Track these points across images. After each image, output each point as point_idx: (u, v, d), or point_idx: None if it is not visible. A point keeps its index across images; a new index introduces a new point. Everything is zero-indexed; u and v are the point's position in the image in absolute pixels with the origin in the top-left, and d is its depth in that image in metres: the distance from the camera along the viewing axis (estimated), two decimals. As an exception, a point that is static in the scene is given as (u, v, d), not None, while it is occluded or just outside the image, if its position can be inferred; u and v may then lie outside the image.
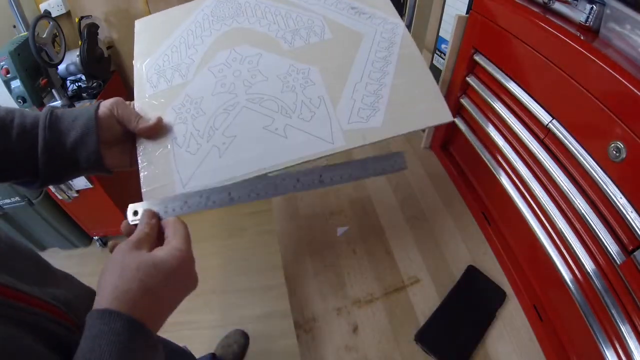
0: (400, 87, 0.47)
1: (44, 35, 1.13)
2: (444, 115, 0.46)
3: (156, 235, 0.36)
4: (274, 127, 0.44)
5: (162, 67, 0.50)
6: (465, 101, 0.60)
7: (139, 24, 0.55)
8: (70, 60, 1.30)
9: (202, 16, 0.54)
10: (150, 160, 0.43)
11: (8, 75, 1.10)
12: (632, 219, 0.33)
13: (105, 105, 0.41)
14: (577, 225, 0.41)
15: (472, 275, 0.55)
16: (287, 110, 0.45)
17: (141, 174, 0.42)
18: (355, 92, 0.47)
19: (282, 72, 0.48)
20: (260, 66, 0.48)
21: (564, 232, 0.42)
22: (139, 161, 0.43)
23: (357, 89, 0.47)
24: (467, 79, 0.58)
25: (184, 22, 0.54)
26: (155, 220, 0.37)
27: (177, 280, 0.33)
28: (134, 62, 0.51)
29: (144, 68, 0.50)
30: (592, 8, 0.39)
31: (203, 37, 0.52)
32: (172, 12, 0.56)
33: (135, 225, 0.36)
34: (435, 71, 0.71)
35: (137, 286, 0.30)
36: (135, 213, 0.38)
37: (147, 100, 0.47)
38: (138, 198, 0.40)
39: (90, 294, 0.44)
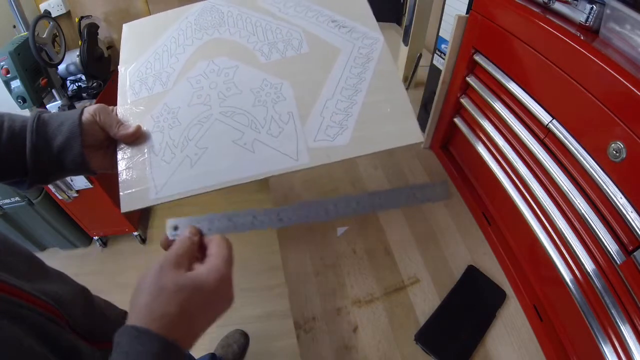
0: (371, 105, 0.47)
1: (44, 35, 1.13)
2: (414, 135, 0.45)
3: (196, 252, 0.36)
4: (243, 141, 0.45)
5: (144, 75, 0.51)
6: (465, 101, 0.60)
7: (126, 28, 0.56)
8: (70, 60, 1.30)
9: (185, 24, 0.55)
10: (128, 166, 0.44)
11: (8, 75, 1.09)
12: (632, 219, 0.33)
13: (89, 111, 0.43)
14: (577, 225, 0.41)
15: (472, 275, 0.55)
16: (256, 125, 0.46)
17: (119, 178, 0.44)
18: (325, 109, 0.47)
19: (256, 86, 0.48)
20: (235, 79, 0.49)
21: (564, 232, 0.42)
22: (118, 165, 0.44)
23: (328, 106, 0.47)
24: (467, 79, 0.58)
25: (169, 28, 0.55)
26: (198, 238, 0.36)
27: (215, 302, 0.33)
28: (119, 67, 0.52)
29: (128, 74, 0.51)
30: (592, 8, 0.39)
31: (185, 46, 0.52)
32: (160, 17, 0.56)
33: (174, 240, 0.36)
34: (435, 71, 0.71)
35: (175, 310, 0.29)
36: (175, 228, 0.37)
37: (129, 106, 0.48)
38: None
39: (83, 291, 0.44)
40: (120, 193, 0.43)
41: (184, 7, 0.56)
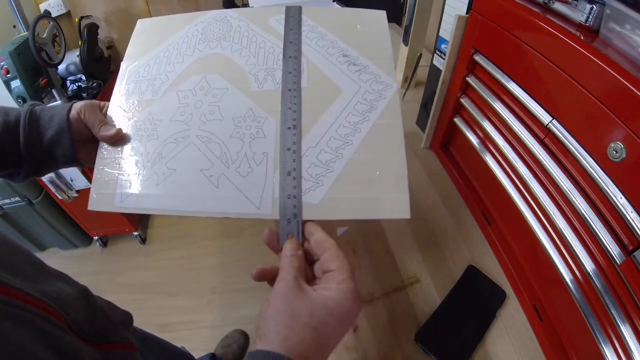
0: (359, 163, 0.41)
1: (44, 35, 1.13)
2: (401, 210, 0.39)
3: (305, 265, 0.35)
4: (210, 173, 0.42)
5: (140, 77, 0.49)
6: (465, 101, 0.60)
7: (140, 25, 0.54)
8: (70, 60, 1.30)
9: (193, 31, 0.52)
10: (103, 166, 0.44)
11: (8, 75, 1.10)
12: (632, 219, 0.33)
13: (76, 108, 0.43)
14: (577, 225, 0.41)
15: (472, 275, 0.55)
16: (227, 158, 0.42)
17: (93, 177, 0.43)
18: (305, 158, 0.41)
19: (239, 115, 0.44)
20: (221, 103, 0.45)
21: (564, 232, 0.42)
22: (96, 164, 0.44)
23: (308, 154, 0.41)
24: (467, 79, 0.58)
25: (177, 33, 0.52)
26: (301, 251, 0.35)
27: (347, 322, 0.31)
28: (122, 62, 0.51)
29: (127, 73, 0.50)
30: (592, 8, 0.39)
31: (185, 55, 0.50)
32: (173, 19, 0.54)
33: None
34: (435, 71, 0.71)
35: (310, 336, 0.28)
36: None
37: (118, 107, 0.47)
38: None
39: (84, 292, 0.44)
40: (91, 192, 0.43)
41: (199, 12, 0.53)
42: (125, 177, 0.43)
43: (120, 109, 0.47)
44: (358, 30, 0.50)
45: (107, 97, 0.48)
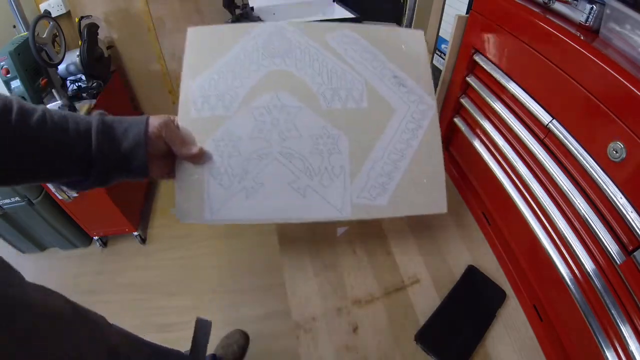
0: (412, 172, 0.50)
1: (44, 35, 1.13)
2: (441, 206, 0.51)
3: None
4: (297, 185, 0.48)
5: (207, 92, 0.51)
6: (465, 101, 0.60)
7: (191, 33, 0.54)
8: (70, 60, 1.30)
9: (252, 45, 0.53)
10: (186, 181, 0.48)
11: (8, 75, 1.09)
12: (632, 219, 0.33)
13: (154, 124, 0.44)
14: (577, 225, 0.41)
15: (472, 275, 0.55)
16: (311, 172, 0.48)
17: (177, 193, 0.47)
18: (372, 170, 0.50)
19: (315, 133, 0.50)
20: (297, 120, 0.50)
21: (564, 232, 0.42)
22: (177, 180, 0.48)
23: (374, 167, 0.50)
24: (467, 79, 0.58)
25: (235, 46, 0.54)
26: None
27: None
28: (182, 74, 0.52)
29: (192, 87, 0.51)
30: (592, 8, 0.39)
31: (250, 71, 0.52)
32: (225, 30, 0.55)
33: None
34: (435, 71, 0.72)
35: None
36: None
37: (191, 123, 0.49)
38: (137, 198, 0.41)
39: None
40: (176, 206, 0.47)
41: (251, 24, 0.55)
42: (212, 191, 0.48)
43: (192, 125, 0.49)
44: (403, 50, 0.56)
45: (107, 97, 0.48)
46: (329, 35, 0.55)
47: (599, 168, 0.37)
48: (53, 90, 1.23)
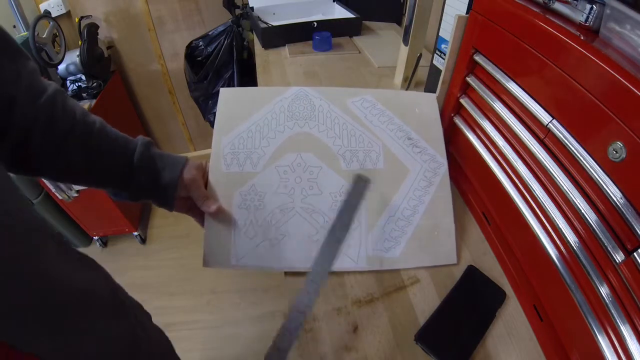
0: (424, 227, 0.54)
1: (44, 35, 1.14)
2: (451, 258, 0.55)
3: None
4: (316, 238, 0.52)
5: (237, 149, 0.56)
6: (465, 101, 0.60)
7: (224, 93, 0.60)
8: (70, 60, 1.30)
9: (279, 107, 0.59)
10: (214, 230, 0.52)
11: (8, 75, 1.09)
12: (632, 219, 0.33)
13: (187, 177, 0.49)
14: (577, 225, 0.41)
15: (472, 275, 0.55)
16: (329, 226, 0.50)
17: (205, 241, 0.52)
18: (387, 224, 0.54)
19: (335, 191, 0.54)
20: (318, 179, 0.55)
21: (564, 232, 0.42)
22: (206, 228, 0.52)
23: (389, 222, 0.54)
24: (467, 79, 0.58)
25: (264, 107, 0.59)
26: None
27: None
28: (214, 129, 0.57)
29: (222, 143, 0.56)
30: (592, 8, 0.39)
31: (277, 132, 0.57)
32: (255, 92, 0.61)
33: None
34: (435, 71, 0.72)
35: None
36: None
37: (220, 177, 0.54)
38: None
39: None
40: (204, 254, 0.52)
41: (278, 88, 0.61)
42: (238, 241, 0.52)
43: (222, 179, 0.54)
44: (416, 113, 0.61)
45: (107, 97, 0.50)
46: (349, 101, 0.60)
47: (599, 168, 0.37)
48: (53, 90, 1.23)
